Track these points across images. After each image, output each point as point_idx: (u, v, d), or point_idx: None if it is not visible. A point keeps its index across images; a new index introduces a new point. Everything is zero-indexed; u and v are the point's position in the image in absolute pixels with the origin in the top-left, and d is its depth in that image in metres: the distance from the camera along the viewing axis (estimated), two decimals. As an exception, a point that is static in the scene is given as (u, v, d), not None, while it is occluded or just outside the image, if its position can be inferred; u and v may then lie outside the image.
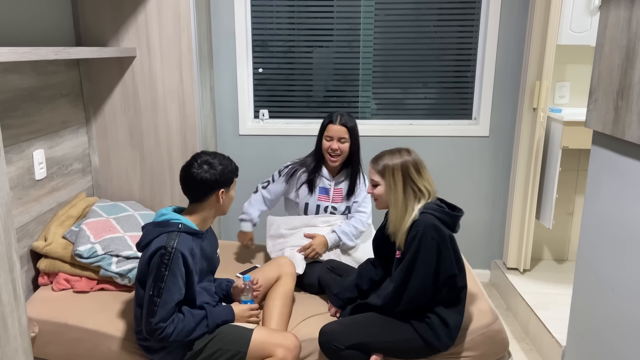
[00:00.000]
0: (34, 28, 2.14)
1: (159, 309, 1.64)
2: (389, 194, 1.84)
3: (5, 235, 1.36)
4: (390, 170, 1.82)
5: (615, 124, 1.35)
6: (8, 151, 1.96)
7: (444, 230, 1.77)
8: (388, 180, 1.83)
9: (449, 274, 1.78)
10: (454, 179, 3.16)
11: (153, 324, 1.65)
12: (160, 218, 1.78)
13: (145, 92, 2.56)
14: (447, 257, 1.76)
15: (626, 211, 1.35)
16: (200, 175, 1.75)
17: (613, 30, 1.37)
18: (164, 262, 1.65)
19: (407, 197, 1.81)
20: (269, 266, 2.15)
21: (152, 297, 1.65)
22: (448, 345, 1.83)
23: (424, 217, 1.77)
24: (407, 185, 1.81)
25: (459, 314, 1.84)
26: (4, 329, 1.37)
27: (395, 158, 1.83)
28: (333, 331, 1.81)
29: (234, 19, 2.96)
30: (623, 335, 1.37)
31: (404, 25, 3.02)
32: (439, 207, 1.80)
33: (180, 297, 1.69)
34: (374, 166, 1.87)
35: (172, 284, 1.66)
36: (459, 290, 1.83)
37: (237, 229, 3.34)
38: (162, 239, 1.69)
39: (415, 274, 1.76)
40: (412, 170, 1.81)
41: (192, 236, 1.76)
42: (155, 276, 1.65)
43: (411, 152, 1.86)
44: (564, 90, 3.00)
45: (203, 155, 1.80)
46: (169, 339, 1.67)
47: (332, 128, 2.33)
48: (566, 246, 3.26)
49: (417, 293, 1.77)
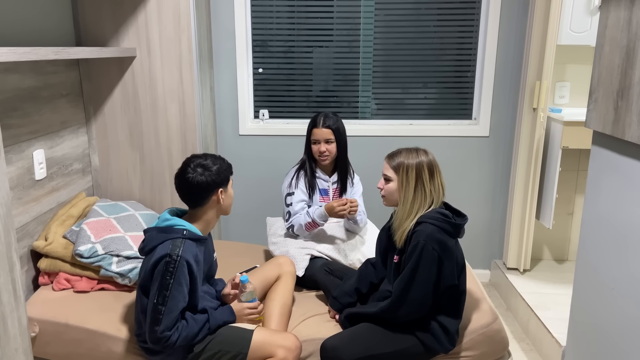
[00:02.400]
0: (34, 28, 2.14)
1: (164, 317, 1.63)
2: (400, 191, 1.83)
3: (5, 235, 1.36)
4: (405, 168, 1.81)
5: (615, 124, 1.35)
6: (8, 151, 1.96)
7: (446, 240, 1.75)
8: (401, 178, 1.82)
9: (449, 284, 1.77)
10: (454, 179, 3.16)
11: (158, 333, 1.64)
12: (164, 223, 1.76)
13: (145, 92, 2.56)
14: (449, 267, 1.75)
15: (626, 211, 1.35)
16: (196, 179, 1.73)
17: (613, 30, 1.37)
18: (169, 270, 1.63)
19: (416, 197, 1.81)
20: (269, 266, 2.15)
21: (157, 305, 1.64)
22: (449, 349, 1.83)
23: (425, 227, 1.75)
24: (418, 186, 1.81)
25: (458, 319, 1.84)
26: (4, 329, 1.37)
27: (412, 157, 1.82)
28: (335, 347, 1.79)
29: (234, 19, 2.96)
30: (623, 335, 1.37)
31: (404, 25, 3.02)
32: (441, 216, 1.78)
33: (184, 305, 1.69)
34: (390, 162, 1.86)
35: (177, 292, 1.64)
36: (458, 296, 1.83)
37: (237, 229, 3.35)
38: (166, 246, 1.67)
39: (415, 285, 1.74)
40: (425, 172, 1.81)
41: (196, 242, 1.75)
42: (160, 284, 1.64)
43: (428, 154, 1.85)
44: (564, 90, 3.00)
45: (194, 159, 1.78)
46: (174, 346, 1.67)
47: (317, 132, 2.39)
48: (566, 246, 3.26)
49: (416, 305, 1.77)
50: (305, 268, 2.26)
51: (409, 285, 1.75)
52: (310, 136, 2.42)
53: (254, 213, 3.19)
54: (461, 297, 1.84)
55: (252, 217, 3.20)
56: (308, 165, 2.47)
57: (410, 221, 1.80)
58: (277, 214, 3.06)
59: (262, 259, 2.59)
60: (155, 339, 1.65)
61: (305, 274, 2.26)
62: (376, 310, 1.83)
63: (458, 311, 1.84)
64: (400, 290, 1.77)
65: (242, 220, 3.22)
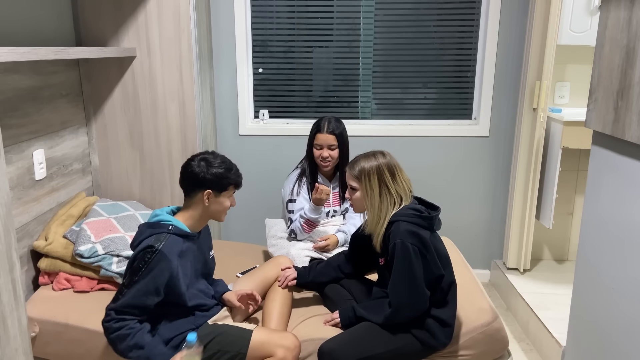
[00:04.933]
0: (34, 28, 2.14)
1: (123, 298, 1.65)
2: (366, 198, 1.82)
3: (5, 235, 1.36)
4: (366, 174, 1.81)
5: (615, 124, 1.35)
6: (8, 151, 1.96)
7: (422, 233, 1.75)
8: (364, 185, 1.82)
9: (436, 275, 1.78)
10: (454, 179, 3.16)
11: (107, 309, 1.66)
12: (154, 219, 1.79)
13: (145, 92, 2.56)
14: (431, 259, 1.76)
15: (626, 211, 1.35)
16: (191, 168, 1.77)
17: (613, 30, 1.37)
18: (145, 260, 1.65)
19: (382, 201, 1.80)
20: (268, 266, 2.15)
21: (122, 286, 1.68)
22: (445, 343, 1.83)
23: (397, 226, 1.75)
24: (382, 189, 1.80)
25: (452, 309, 1.84)
26: (4, 329, 1.37)
27: (370, 161, 1.81)
28: (332, 350, 1.78)
29: (234, 19, 2.96)
30: (623, 335, 1.37)
31: (404, 25, 3.02)
32: (412, 212, 1.78)
33: (149, 302, 1.67)
34: (351, 171, 1.85)
35: (144, 282, 1.65)
36: (448, 286, 1.83)
37: (237, 229, 3.35)
38: (150, 239, 1.70)
39: (407, 286, 1.75)
40: (386, 174, 1.80)
41: (183, 238, 1.76)
42: (132, 269, 1.67)
43: (386, 155, 1.84)
44: (564, 90, 3.00)
45: (209, 153, 1.82)
46: (109, 335, 1.66)
47: (321, 137, 2.36)
48: (566, 246, 3.26)
49: (415, 302, 1.77)
50: None
51: (402, 288, 1.76)
52: (313, 140, 2.40)
53: (254, 213, 3.19)
54: (451, 287, 1.84)
55: (252, 217, 3.20)
56: (310, 172, 2.44)
57: (381, 225, 1.80)
58: (277, 214, 3.06)
59: (261, 259, 2.59)
60: (105, 314, 1.67)
61: None
62: (382, 320, 1.82)
63: (451, 301, 1.84)
64: (397, 295, 1.77)
65: (242, 220, 3.22)
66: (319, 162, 2.40)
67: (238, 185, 1.86)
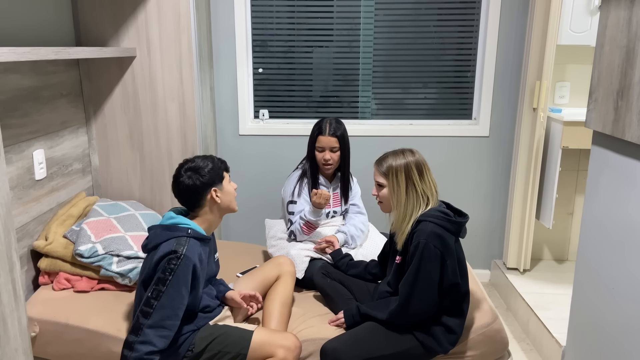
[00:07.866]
0: (34, 28, 2.14)
1: (155, 312, 1.61)
2: (393, 195, 1.82)
3: (5, 235, 1.36)
4: (394, 171, 1.80)
5: (615, 124, 1.35)
6: (8, 151, 1.96)
7: (447, 238, 1.74)
8: (391, 182, 1.81)
9: (451, 282, 1.76)
10: (454, 179, 3.16)
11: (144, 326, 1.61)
12: (169, 221, 1.76)
13: (145, 92, 2.56)
14: (451, 265, 1.74)
15: (626, 211, 1.35)
16: (184, 182, 1.74)
17: (613, 30, 1.37)
18: (170, 268, 1.63)
19: (409, 199, 1.80)
20: (268, 265, 2.15)
21: (150, 299, 1.62)
22: (448, 349, 1.83)
23: (425, 226, 1.74)
24: (409, 187, 1.80)
25: (463, 319, 1.84)
26: (4, 329, 1.37)
27: (399, 159, 1.81)
28: (335, 349, 1.77)
29: (234, 19, 2.96)
30: (623, 335, 1.37)
31: (404, 25, 3.02)
32: (441, 214, 1.77)
33: (181, 306, 1.65)
34: (378, 168, 1.85)
35: (173, 290, 1.63)
36: (462, 297, 1.81)
37: (237, 229, 3.35)
38: (171, 244, 1.67)
39: (420, 285, 1.73)
40: (414, 172, 1.79)
41: (200, 242, 1.75)
42: (158, 279, 1.63)
43: (415, 153, 1.83)
44: (564, 90, 3.00)
45: (185, 163, 1.79)
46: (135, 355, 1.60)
47: (323, 139, 2.35)
48: (566, 246, 3.26)
49: (424, 304, 1.75)
50: (304, 270, 2.26)
51: (414, 286, 1.74)
52: (314, 142, 2.39)
53: (254, 213, 3.19)
54: (465, 298, 1.83)
55: (252, 217, 3.20)
56: (311, 173, 2.43)
57: (407, 224, 1.79)
58: (277, 214, 3.07)
59: (261, 259, 2.59)
60: (135, 329, 1.60)
61: (304, 275, 2.25)
62: (386, 316, 1.81)
63: (462, 311, 1.83)
64: (407, 292, 1.75)
65: (242, 220, 3.22)
66: (321, 165, 2.40)
67: (227, 169, 1.87)
